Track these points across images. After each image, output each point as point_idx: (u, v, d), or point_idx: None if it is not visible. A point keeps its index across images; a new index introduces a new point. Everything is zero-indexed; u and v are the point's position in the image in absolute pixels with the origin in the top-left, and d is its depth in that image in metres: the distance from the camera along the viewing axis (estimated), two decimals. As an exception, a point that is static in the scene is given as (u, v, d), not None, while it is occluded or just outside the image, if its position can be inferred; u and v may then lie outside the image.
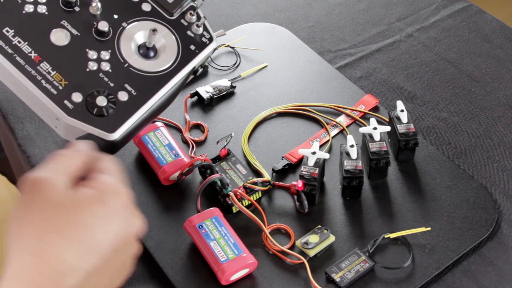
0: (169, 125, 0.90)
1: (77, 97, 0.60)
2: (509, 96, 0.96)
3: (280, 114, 0.93)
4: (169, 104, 0.65)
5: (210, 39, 0.67)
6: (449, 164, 0.85)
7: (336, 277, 0.72)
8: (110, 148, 0.61)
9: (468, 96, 0.96)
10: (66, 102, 0.60)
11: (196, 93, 0.93)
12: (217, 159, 0.84)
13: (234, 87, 0.96)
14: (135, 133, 0.64)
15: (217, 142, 0.85)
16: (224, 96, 0.95)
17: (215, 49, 0.98)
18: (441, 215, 0.79)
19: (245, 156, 0.86)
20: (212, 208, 0.77)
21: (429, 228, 0.77)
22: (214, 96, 0.93)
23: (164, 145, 0.84)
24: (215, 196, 0.80)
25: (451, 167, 0.85)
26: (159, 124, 0.87)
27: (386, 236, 0.76)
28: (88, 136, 0.60)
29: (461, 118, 0.93)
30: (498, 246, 0.78)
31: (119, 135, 0.61)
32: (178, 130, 0.90)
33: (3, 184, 1.66)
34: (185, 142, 0.88)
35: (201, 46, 0.66)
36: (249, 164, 0.85)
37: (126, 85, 0.62)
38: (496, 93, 0.97)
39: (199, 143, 0.88)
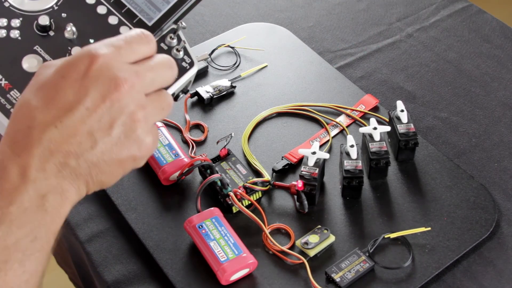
0: (169, 125, 0.90)
1: None
2: (509, 96, 0.96)
3: (280, 114, 0.93)
4: None
5: (191, 64, 0.62)
6: (449, 164, 0.85)
7: (336, 277, 0.72)
8: None
9: (468, 96, 0.96)
10: None
11: (196, 93, 0.93)
12: (217, 159, 0.84)
13: (234, 87, 0.96)
14: None
15: (217, 142, 0.85)
16: (224, 96, 0.95)
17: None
18: (441, 215, 0.79)
19: (245, 156, 0.86)
20: (212, 208, 0.77)
21: (429, 228, 0.77)
22: (214, 96, 0.93)
23: (164, 145, 0.84)
24: (215, 196, 0.80)
25: (451, 167, 0.85)
26: (159, 124, 0.87)
27: (386, 236, 0.76)
28: None
29: (461, 118, 0.93)
30: (498, 246, 0.78)
31: None
32: (178, 130, 0.90)
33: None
34: (185, 142, 0.88)
35: (181, 71, 0.61)
36: (249, 164, 0.85)
37: None
38: (496, 93, 0.97)
39: (199, 143, 0.88)
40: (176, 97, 0.63)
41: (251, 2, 1.15)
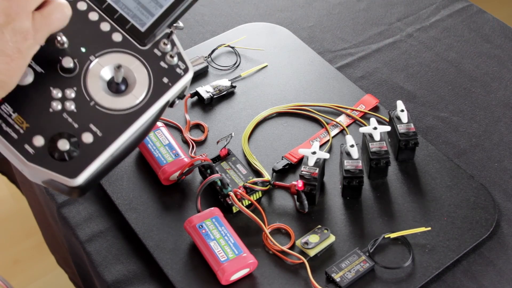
0: (169, 125, 0.90)
1: (38, 140, 0.56)
2: (509, 96, 0.96)
3: (280, 114, 0.93)
4: (141, 141, 0.60)
5: (186, 70, 0.60)
6: (449, 164, 0.85)
7: (336, 277, 0.72)
8: (76, 192, 0.57)
9: (468, 96, 0.97)
10: (26, 146, 0.56)
11: (196, 93, 0.94)
12: (217, 159, 0.84)
13: (234, 87, 0.96)
14: (103, 176, 0.58)
15: (217, 142, 0.85)
16: (224, 96, 0.95)
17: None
18: (441, 215, 0.79)
19: (245, 156, 0.86)
20: (212, 208, 0.77)
21: (429, 228, 0.77)
22: (214, 96, 0.93)
23: (164, 145, 0.84)
24: (215, 196, 0.80)
25: (451, 167, 0.85)
26: (159, 124, 0.87)
27: (386, 236, 0.76)
28: (51, 182, 0.56)
29: (461, 118, 0.93)
30: (498, 246, 0.78)
31: (82, 180, 0.56)
32: (178, 130, 0.90)
33: (3, 184, 1.66)
34: (185, 142, 0.88)
35: (175, 78, 0.60)
36: (249, 164, 0.85)
37: (91, 126, 0.57)
38: (496, 93, 0.97)
39: (199, 143, 0.89)
40: (172, 104, 0.62)
41: (251, 2, 1.15)
